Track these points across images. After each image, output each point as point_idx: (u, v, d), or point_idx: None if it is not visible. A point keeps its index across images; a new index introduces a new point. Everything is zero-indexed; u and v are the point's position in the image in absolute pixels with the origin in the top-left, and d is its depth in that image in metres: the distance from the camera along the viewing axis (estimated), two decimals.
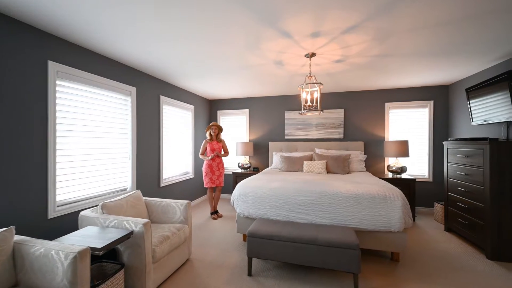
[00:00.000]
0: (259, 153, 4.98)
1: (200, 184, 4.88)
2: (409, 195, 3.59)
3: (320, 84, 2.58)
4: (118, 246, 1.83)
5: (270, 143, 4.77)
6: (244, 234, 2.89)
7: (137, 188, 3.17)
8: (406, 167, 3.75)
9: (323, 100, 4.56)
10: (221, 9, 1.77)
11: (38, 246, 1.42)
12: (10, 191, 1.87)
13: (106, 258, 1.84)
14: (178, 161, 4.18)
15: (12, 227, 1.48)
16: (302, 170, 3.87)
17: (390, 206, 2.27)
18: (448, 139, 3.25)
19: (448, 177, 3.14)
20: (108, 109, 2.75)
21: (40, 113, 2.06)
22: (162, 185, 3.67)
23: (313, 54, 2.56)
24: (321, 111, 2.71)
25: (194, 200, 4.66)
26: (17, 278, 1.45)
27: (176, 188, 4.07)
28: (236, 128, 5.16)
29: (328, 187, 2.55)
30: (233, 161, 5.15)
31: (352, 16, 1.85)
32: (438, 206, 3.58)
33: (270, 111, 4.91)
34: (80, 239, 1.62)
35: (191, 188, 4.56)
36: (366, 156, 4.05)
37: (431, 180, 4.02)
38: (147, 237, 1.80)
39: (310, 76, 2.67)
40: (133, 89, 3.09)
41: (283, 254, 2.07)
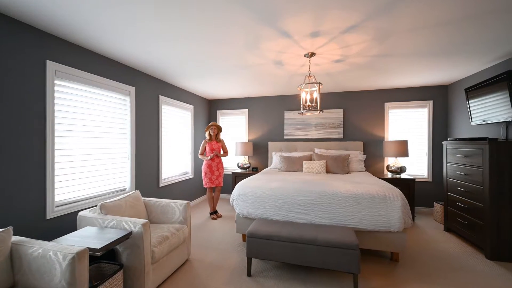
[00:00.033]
0: (259, 153, 4.98)
1: (200, 184, 4.88)
2: (408, 195, 3.60)
3: (320, 84, 2.58)
4: (117, 246, 1.82)
5: (270, 143, 4.77)
6: (243, 234, 2.88)
7: (136, 188, 3.16)
8: (405, 167, 3.75)
9: (323, 100, 4.56)
10: (221, 9, 1.77)
11: (36, 247, 1.41)
12: (8, 191, 1.85)
13: (105, 259, 1.83)
14: (178, 161, 4.17)
15: (10, 228, 1.47)
16: (302, 170, 3.87)
17: (390, 206, 2.27)
18: (448, 139, 3.25)
19: (447, 177, 3.15)
20: (107, 108, 2.74)
21: (38, 112, 2.05)
22: (161, 185, 3.66)
23: (312, 54, 2.56)
24: (321, 111, 2.71)
25: (193, 200, 4.65)
26: (15, 279, 1.44)
27: (176, 188, 4.06)
28: (235, 128, 5.15)
29: (327, 187, 2.55)
30: (233, 161, 5.15)
31: (351, 16, 1.84)
32: (437, 206, 3.58)
33: (269, 111, 4.90)
34: (79, 239, 1.61)
35: (191, 188, 4.55)
36: (365, 156, 4.05)
37: (430, 180, 4.03)
38: (146, 237, 1.80)
39: (310, 76, 2.66)
40: (132, 89, 3.08)
41: (282, 255, 2.07)
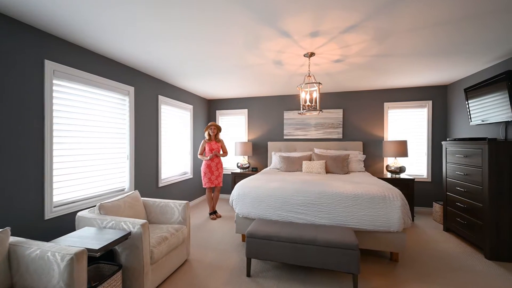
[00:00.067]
0: (258, 153, 4.97)
1: (199, 184, 4.87)
2: (408, 195, 3.59)
3: (319, 84, 2.58)
4: (115, 247, 1.81)
5: (269, 143, 4.76)
6: (243, 235, 2.88)
7: (135, 189, 3.15)
8: (405, 167, 3.76)
9: (322, 100, 4.55)
10: (221, 9, 1.76)
11: (34, 248, 1.40)
12: (6, 191, 1.84)
13: (104, 259, 1.82)
14: (177, 161, 4.16)
15: (8, 229, 1.46)
16: (301, 170, 3.87)
17: (390, 206, 2.27)
18: (447, 139, 3.25)
19: (446, 177, 3.15)
20: (106, 108, 2.73)
21: (37, 112, 2.04)
22: (161, 185, 3.65)
23: (312, 54, 2.55)
24: (320, 111, 2.70)
25: (192, 200, 4.64)
26: (12, 280, 1.43)
27: (175, 189, 4.05)
28: (235, 128, 5.14)
29: (327, 187, 2.54)
30: (232, 161, 5.14)
31: (351, 16, 1.84)
32: (436, 206, 3.58)
33: (269, 111, 4.90)
34: (77, 240, 1.60)
35: (190, 188, 4.54)
36: (365, 156, 4.05)
37: (429, 180, 4.03)
38: (145, 238, 1.79)
39: (309, 76, 2.66)
40: (131, 88, 3.07)
41: (282, 255, 2.06)
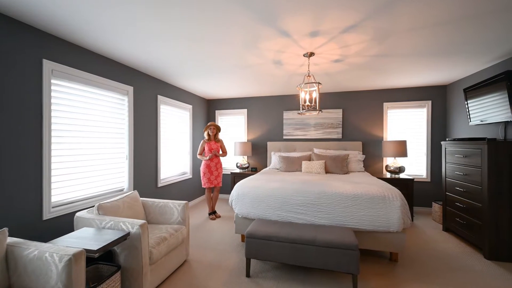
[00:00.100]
0: (258, 153, 4.96)
1: (198, 184, 4.86)
2: (407, 195, 3.60)
3: (319, 83, 2.57)
4: (114, 247, 1.81)
5: (269, 143, 4.75)
6: (242, 235, 2.87)
7: (134, 189, 3.14)
8: (404, 167, 3.76)
9: (322, 100, 4.55)
10: (221, 9, 1.76)
11: (32, 249, 1.39)
12: (4, 191, 1.83)
13: (103, 260, 1.81)
14: (176, 161, 4.15)
15: (5, 229, 1.45)
16: (301, 170, 3.86)
17: (389, 206, 2.27)
18: (446, 139, 3.25)
19: (446, 177, 3.15)
20: (105, 108, 2.72)
21: (35, 112, 2.03)
22: (160, 185, 3.64)
23: (311, 54, 2.55)
24: (320, 111, 2.70)
25: (192, 200, 4.63)
26: (10, 281, 1.42)
27: (174, 189, 4.04)
28: (234, 128, 5.13)
29: (326, 187, 2.54)
30: (231, 161, 5.13)
31: (351, 16, 1.84)
32: (436, 206, 3.59)
33: (268, 111, 4.89)
34: (76, 241, 1.59)
35: (189, 188, 4.53)
36: (364, 156, 4.05)
37: (429, 180, 4.03)
38: (144, 238, 1.78)
39: (309, 76, 2.65)
40: (130, 88, 3.06)
41: (281, 255, 2.06)
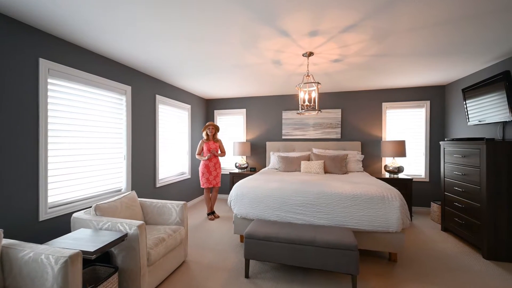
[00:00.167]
0: (257, 153, 4.95)
1: (197, 184, 4.84)
2: (406, 195, 3.60)
3: (318, 83, 2.56)
4: (112, 249, 1.79)
5: (268, 143, 4.74)
6: (241, 235, 2.86)
7: (132, 189, 3.12)
8: (403, 167, 3.76)
9: (321, 100, 4.55)
10: (221, 9, 1.75)
11: (27, 250, 1.37)
12: (0, 192, 1.81)
13: (100, 262, 1.79)
14: (175, 161, 4.13)
15: (0, 231, 1.43)
16: (300, 170, 3.85)
17: (388, 207, 2.26)
18: (445, 139, 3.26)
19: (444, 177, 3.15)
20: (102, 108, 2.69)
21: (32, 111, 2.00)
22: (158, 185, 3.62)
23: (311, 53, 2.54)
24: (319, 111, 2.69)
25: (190, 200, 4.61)
26: (5, 283, 1.40)
27: (172, 189, 4.02)
28: (233, 128, 5.12)
29: (325, 187, 2.53)
30: (230, 161, 5.12)
31: (350, 15, 1.83)
32: (434, 206, 3.59)
33: (267, 111, 4.88)
34: (72, 242, 1.57)
35: (188, 188, 4.51)
36: (363, 156, 4.04)
37: (427, 180, 4.04)
38: (142, 239, 1.76)
39: (308, 76, 2.64)
40: (128, 88, 3.03)
41: (280, 256, 2.05)
